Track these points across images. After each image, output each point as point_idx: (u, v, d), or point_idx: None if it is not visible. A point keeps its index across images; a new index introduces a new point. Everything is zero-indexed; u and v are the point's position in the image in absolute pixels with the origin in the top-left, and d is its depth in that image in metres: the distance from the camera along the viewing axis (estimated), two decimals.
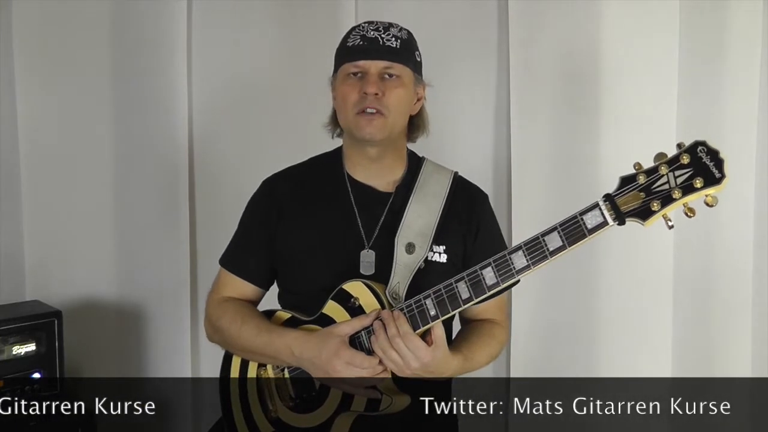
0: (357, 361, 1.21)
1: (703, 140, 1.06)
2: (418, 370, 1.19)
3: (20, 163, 2.06)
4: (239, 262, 1.43)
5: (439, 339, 1.20)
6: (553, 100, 2.12)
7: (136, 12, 2.09)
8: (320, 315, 1.30)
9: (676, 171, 1.06)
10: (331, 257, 1.33)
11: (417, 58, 1.37)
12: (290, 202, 1.39)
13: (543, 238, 1.12)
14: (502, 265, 1.16)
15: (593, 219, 1.09)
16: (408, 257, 1.29)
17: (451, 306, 1.19)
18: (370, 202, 1.37)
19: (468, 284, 1.18)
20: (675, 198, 1.06)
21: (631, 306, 2.13)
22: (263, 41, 2.14)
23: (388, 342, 1.18)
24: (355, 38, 1.32)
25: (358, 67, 1.31)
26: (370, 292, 1.26)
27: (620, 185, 1.09)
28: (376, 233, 1.34)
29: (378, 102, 1.29)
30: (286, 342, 1.28)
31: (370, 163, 1.37)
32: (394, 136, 1.35)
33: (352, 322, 1.24)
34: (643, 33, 2.08)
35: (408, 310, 1.21)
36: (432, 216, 1.33)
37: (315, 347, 1.24)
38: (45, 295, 2.04)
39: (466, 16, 2.15)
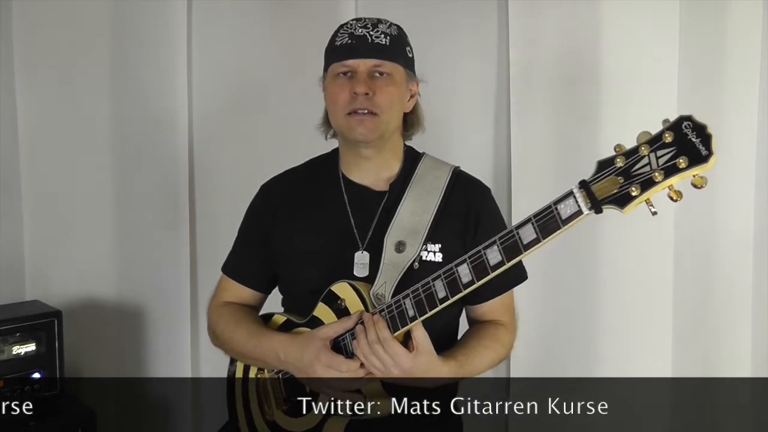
0: (335, 364, 1.18)
1: (689, 115, 0.94)
2: (402, 375, 1.15)
3: (20, 163, 2.06)
4: (237, 267, 1.43)
5: (422, 344, 1.15)
6: (553, 100, 2.12)
7: (136, 12, 2.09)
8: (312, 317, 1.29)
9: (658, 151, 0.95)
10: (326, 260, 1.31)
11: (408, 54, 1.33)
12: (285, 205, 1.38)
13: (517, 231, 1.04)
14: (476, 261, 1.08)
15: (567, 208, 1.00)
16: (397, 256, 1.25)
17: (429, 306, 1.13)
18: (364, 202, 1.34)
19: (444, 282, 1.11)
20: (656, 181, 0.94)
21: (631, 306, 2.12)
22: (263, 41, 2.14)
23: (369, 347, 1.15)
24: (343, 36, 1.29)
25: (346, 67, 1.27)
26: (355, 293, 1.23)
27: (597, 170, 0.99)
28: (371, 234, 1.31)
29: (369, 102, 1.25)
30: (273, 345, 1.27)
31: (364, 163, 1.35)
32: (387, 135, 1.31)
33: (335, 325, 1.22)
34: (643, 33, 2.08)
35: (388, 311, 1.17)
36: (427, 213, 1.28)
37: (298, 350, 1.23)
38: (45, 295, 2.04)
39: (466, 16, 2.15)
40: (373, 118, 1.26)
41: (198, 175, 2.18)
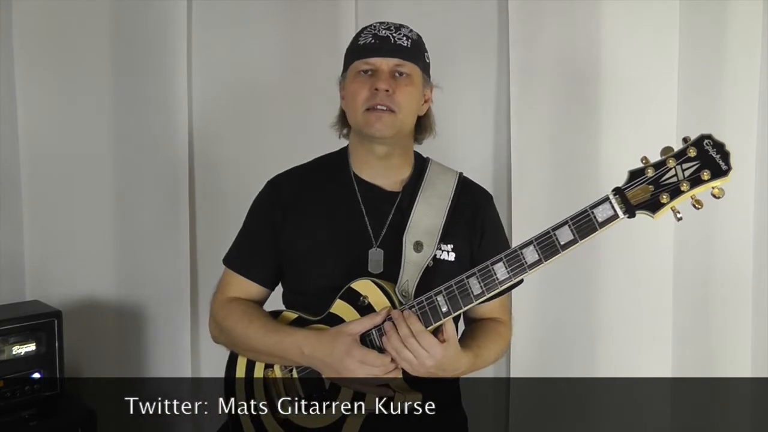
0: (369, 360, 1.21)
1: (709, 134, 1.08)
2: (432, 368, 1.19)
3: (20, 163, 2.06)
4: (244, 263, 1.42)
5: (451, 336, 1.20)
6: (553, 100, 2.12)
7: (136, 12, 2.09)
8: (328, 314, 1.30)
9: (683, 164, 1.08)
10: (339, 256, 1.33)
11: (426, 59, 1.39)
12: (296, 203, 1.39)
13: (554, 232, 1.13)
14: (513, 260, 1.16)
15: (604, 212, 1.10)
16: (416, 255, 1.30)
17: (463, 302, 1.19)
18: (377, 201, 1.37)
19: (479, 280, 1.18)
20: (683, 190, 1.07)
21: (631, 306, 2.12)
22: (263, 41, 2.14)
23: (401, 342, 1.18)
24: (367, 36, 1.34)
25: (369, 65, 1.33)
26: (380, 290, 1.26)
27: (629, 179, 1.10)
28: (384, 232, 1.35)
29: (389, 99, 1.30)
30: (296, 341, 1.27)
31: (377, 162, 1.38)
32: (402, 135, 1.35)
33: (363, 320, 1.24)
34: (643, 33, 2.08)
35: (419, 307, 1.21)
36: (438, 216, 1.34)
37: (326, 346, 1.24)
38: (45, 295, 2.04)
39: (466, 17, 2.15)
40: (391, 115, 1.31)
41: (198, 175, 2.18)
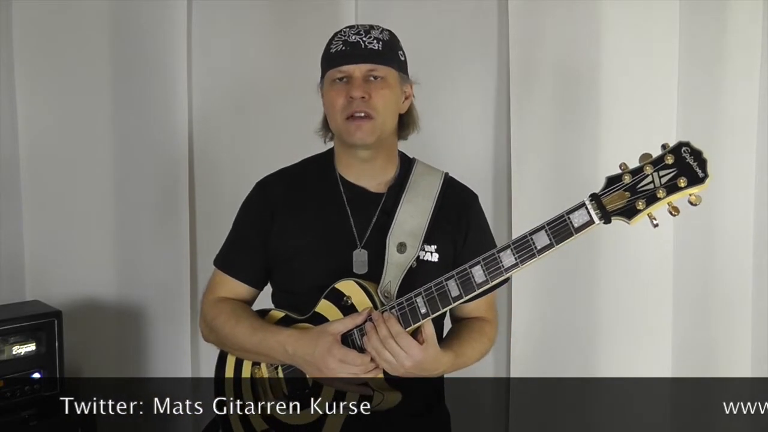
0: (349, 359, 1.22)
1: (687, 141, 1.08)
2: (411, 368, 1.21)
3: (20, 163, 2.06)
4: (233, 263, 1.44)
5: (430, 337, 1.22)
6: (552, 100, 2.12)
7: (136, 12, 2.09)
8: (313, 314, 1.32)
9: (660, 171, 1.08)
10: (325, 257, 1.35)
11: (401, 57, 1.39)
12: (284, 203, 1.40)
13: (531, 236, 1.14)
14: (491, 263, 1.17)
15: (580, 218, 1.12)
16: (399, 256, 1.31)
17: (442, 304, 1.20)
18: (362, 202, 1.39)
19: (458, 282, 1.19)
20: (659, 197, 1.08)
21: (631, 306, 2.12)
22: (263, 42, 2.14)
23: (381, 343, 1.20)
24: (338, 44, 1.34)
25: (342, 72, 1.33)
26: (362, 290, 1.28)
27: (606, 185, 1.11)
28: (369, 233, 1.36)
29: (365, 105, 1.31)
30: (280, 340, 1.29)
31: (361, 165, 1.39)
32: (384, 137, 1.36)
33: (345, 320, 1.26)
34: (643, 33, 2.08)
35: (399, 308, 1.23)
36: (423, 217, 1.35)
37: (308, 345, 1.25)
38: (45, 295, 2.04)
39: (466, 16, 2.15)
40: (369, 122, 1.32)
41: (198, 175, 2.18)
